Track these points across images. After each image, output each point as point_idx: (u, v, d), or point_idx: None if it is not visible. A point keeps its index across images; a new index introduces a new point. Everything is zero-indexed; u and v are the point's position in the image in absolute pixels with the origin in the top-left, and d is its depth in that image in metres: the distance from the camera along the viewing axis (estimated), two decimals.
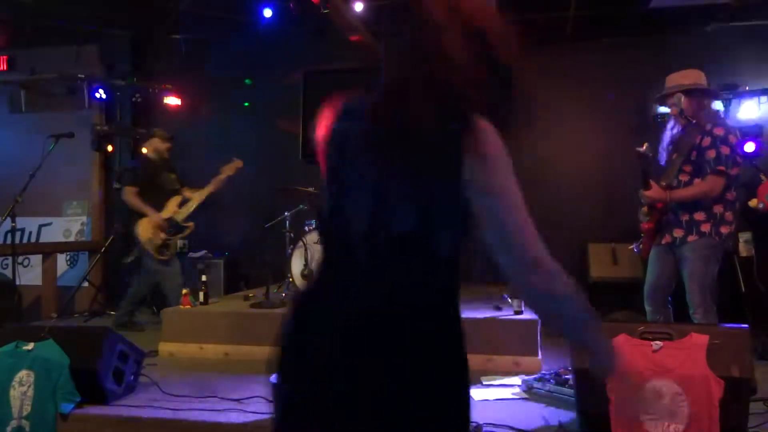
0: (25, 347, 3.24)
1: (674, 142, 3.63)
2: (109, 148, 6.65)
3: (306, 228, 5.00)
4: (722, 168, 3.41)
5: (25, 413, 3.14)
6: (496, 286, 5.00)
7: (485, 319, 4.20)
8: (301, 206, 5.20)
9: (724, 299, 3.60)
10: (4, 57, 7.30)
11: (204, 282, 4.65)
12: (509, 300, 4.43)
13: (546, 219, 5.44)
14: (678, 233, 3.55)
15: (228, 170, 5.33)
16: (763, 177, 4.72)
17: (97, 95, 6.45)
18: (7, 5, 5.86)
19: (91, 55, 6.96)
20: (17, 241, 5.48)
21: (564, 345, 3.27)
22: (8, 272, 5.47)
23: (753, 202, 4.74)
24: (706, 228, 3.47)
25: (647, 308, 3.71)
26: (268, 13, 5.24)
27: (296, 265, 4.82)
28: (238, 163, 5.38)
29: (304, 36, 6.13)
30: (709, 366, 2.57)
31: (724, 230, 3.50)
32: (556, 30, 6.03)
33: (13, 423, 3.13)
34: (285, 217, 5.10)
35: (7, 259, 5.79)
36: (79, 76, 6.43)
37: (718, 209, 3.49)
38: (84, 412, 3.16)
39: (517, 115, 1.22)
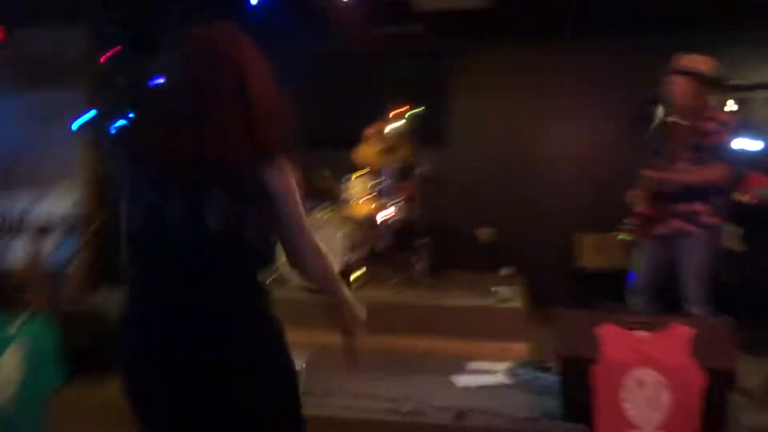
0: (12, 327, 3.21)
1: (671, 127, 3.49)
2: None
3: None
4: (730, 156, 3.32)
5: (9, 392, 3.12)
6: (485, 275, 5.03)
7: (472, 305, 4.21)
8: None
9: (713, 292, 3.57)
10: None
11: None
12: (496, 288, 4.44)
13: (535, 208, 5.47)
14: (677, 224, 3.43)
15: None
16: (754, 171, 4.70)
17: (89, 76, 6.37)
18: None
19: (84, 35, 6.87)
20: (3, 223, 5.44)
21: (551, 332, 3.27)
22: None
23: (742, 195, 4.72)
24: (706, 220, 3.37)
25: (638, 302, 3.63)
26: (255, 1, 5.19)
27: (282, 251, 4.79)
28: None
29: (291, 20, 6.06)
30: (693, 357, 2.58)
31: (720, 223, 3.43)
32: (555, 23, 5.99)
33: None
34: None
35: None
36: (71, 57, 6.35)
37: (717, 200, 3.40)
38: (70, 393, 3.15)
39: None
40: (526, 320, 4.19)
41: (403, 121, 5.99)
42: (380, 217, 5.02)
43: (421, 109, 6.32)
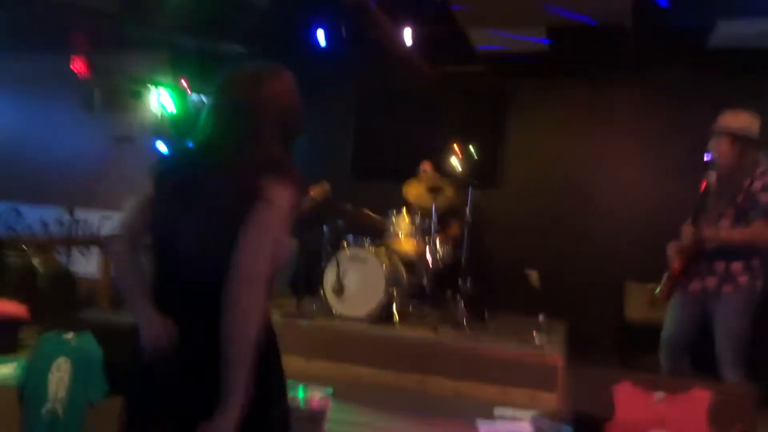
0: (66, 336, 3.48)
1: (717, 185, 3.51)
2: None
3: (343, 244, 5.13)
4: None
5: (59, 397, 3.38)
6: (528, 318, 5.01)
7: (506, 350, 4.24)
8: (338, 222, 5.34)
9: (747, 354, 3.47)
10: (85, 58, 7.78)
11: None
12: (535, 333, 4.44)
13: (585, 253, 5.36)
14: (711, 282, 3.41)
15: (315, 193, 5.29)
16: None
17: (162, 100, 6.82)
18: (89, 13, 6.29)
19: (162, 62, 7.35)
20: (79, 233, 5.85)
21: (589, 384, 3.27)
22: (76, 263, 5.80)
23: None
24: (743, 280, 3.34)
25: (664, 359, 3.59)
26: (321, 39, 5.45)
27: (328, 281, 4.95)
28: (324, 187, 5.36)
29: (359, 55, 6.31)
30: (710, 423, 2.55)
31: (759, 284, 3.36)
32: (609, 67, 6.01)
33: (48, 405, 3.37)
34: (323, 232, 5.23)
35: (69, 249, 6.18)
36: (147, 80, 6.82)
37: (756, 261, 3.36)
38: (112, 403, 3.37)
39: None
40: (561, 369, 4.17)
41: (458, 158, 6.10)
42: (424, 255, 5.11)
43: (474, 147, 6.43)
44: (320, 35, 5.50)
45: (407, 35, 5.35)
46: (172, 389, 1.63)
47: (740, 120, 3.46)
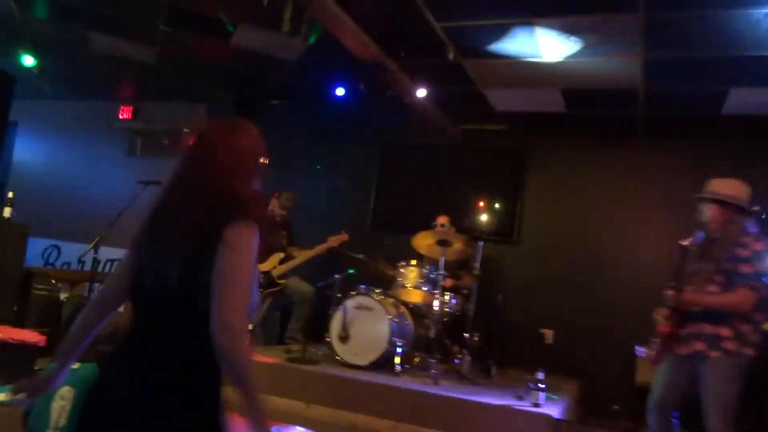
0: (72, 366, 3.64)
1: (703, 249, 3.53)
2: None
3: (352, 292, 5.21)
4: (758, 285, 3.29)
5: (60, 425, 3.52)
6: (534, 376, 4.98)
7: (499, 406, 4.23)
8: (350, 271, 5.45)
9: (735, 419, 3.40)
10: (130, 107, 8.28)
11: (250, 330, 4.97)
12: (532, 390, 4.41)
13: (599, 312, 5.37)
14: (699, 347, 3.39)
15: (333, 241, 5.76)
16: None
17: None
18: (134, 64, 6.75)
19: (200, 113, 7.76)
20: (104, 270, 6.10)
21: None
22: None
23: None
24: (730, 345, 3.32)
25: (652, 420, 3.56)
26: (340, 92, 5.70)
27: (334, 327, 5.03)
28: (344, 237, 5.78)
29: (384, 110, 6.54)
30: None
31: (748, 351, 3.34)
32: (624, 128, 6.09)
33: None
34: (335, 280, 5.33)
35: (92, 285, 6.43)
36: (185, 130, 7.19)
37: (744, 328, 3.34)
38: None
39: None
40: (556, 428, 4.13)
41: (481, 215, 6.19)
42: (432, 306, 5.17)
43: (497, 204, 6.51)
44: (341, 92, 5.75)
45: (426, 94, 5.56)
46: (172, 389, 1.67)
47: (727, 186, 3.50)
